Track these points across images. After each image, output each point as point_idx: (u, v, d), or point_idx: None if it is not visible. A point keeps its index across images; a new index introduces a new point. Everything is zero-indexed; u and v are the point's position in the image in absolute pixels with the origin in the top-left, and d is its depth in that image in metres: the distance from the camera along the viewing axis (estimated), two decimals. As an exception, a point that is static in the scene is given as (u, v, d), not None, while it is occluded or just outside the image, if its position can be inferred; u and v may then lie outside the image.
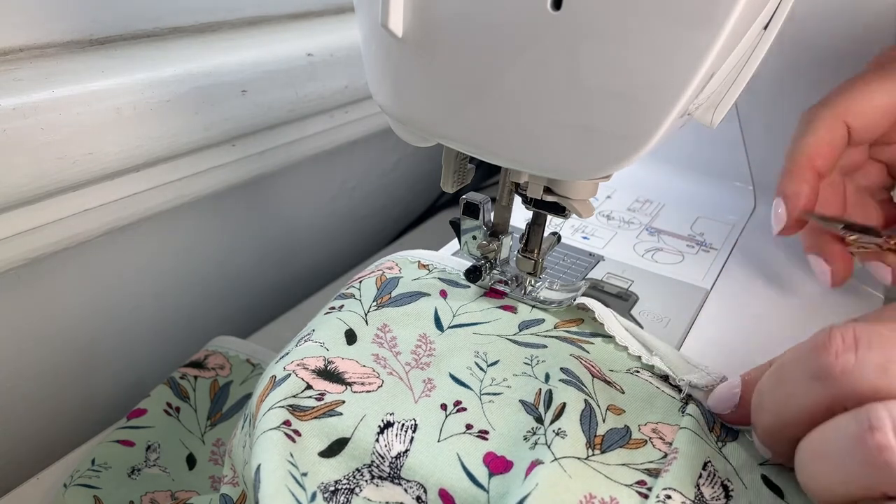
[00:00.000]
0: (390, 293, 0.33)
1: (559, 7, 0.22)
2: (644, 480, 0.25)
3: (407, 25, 0.25)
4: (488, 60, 0.24)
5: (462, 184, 0.32)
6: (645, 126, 0.23)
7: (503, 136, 0.26)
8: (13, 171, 0.33)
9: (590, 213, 0.30)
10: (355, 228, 0.70)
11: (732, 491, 0.25)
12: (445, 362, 0.29)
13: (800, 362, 0.23)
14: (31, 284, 0.40)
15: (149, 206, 0.42)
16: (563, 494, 0.23)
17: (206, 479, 0.36)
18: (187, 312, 0.53)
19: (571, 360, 0.29)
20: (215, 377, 0.41)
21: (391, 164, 0.71)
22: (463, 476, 0.25)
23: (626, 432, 0.27)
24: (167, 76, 0.39)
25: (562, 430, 0.25)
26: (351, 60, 0.51)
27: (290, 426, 0.26)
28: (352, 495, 0.25)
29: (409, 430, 0.26)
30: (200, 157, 0.43)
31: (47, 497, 0.35)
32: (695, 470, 0.25)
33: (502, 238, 0.32)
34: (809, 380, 0.22)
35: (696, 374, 0.29)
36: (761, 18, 0.24)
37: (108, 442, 0.36)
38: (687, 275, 0.39)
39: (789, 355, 0.24)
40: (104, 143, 0.36)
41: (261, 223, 0.57)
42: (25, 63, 0.36)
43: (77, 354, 0.45)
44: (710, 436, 0.27)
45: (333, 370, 0.28)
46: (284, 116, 0.47)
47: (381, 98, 0.28)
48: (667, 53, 0.21)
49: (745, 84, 0.26)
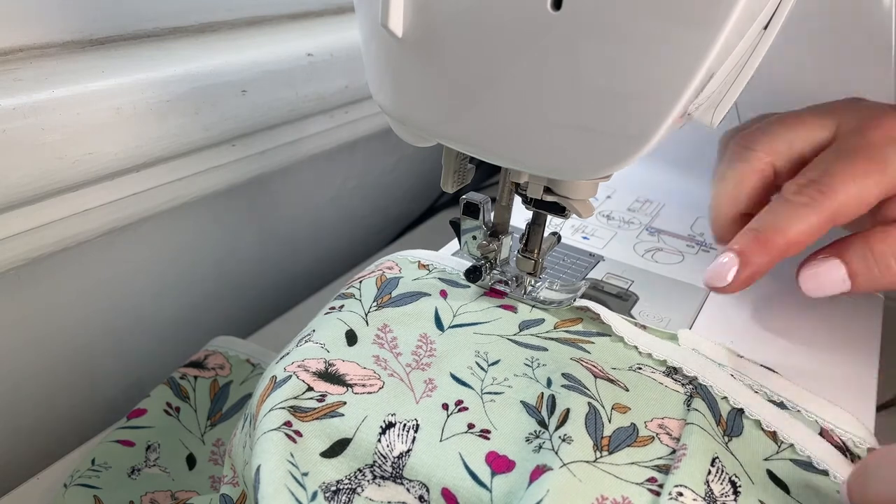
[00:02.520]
0: (390, 293, 0.33)
1: (559, 7, 0.22)
2: (654, 477, 0.25)
3: (407, 25, 0.25)
4: (488, 60, 0.24)
5: (462, 184, 0.32)
6: (645, 126, 0.23)
7: (503, 136, 0.26)
8: (13, 171, 0.33)
9: (590, 213, 0.30)
10: (355, 228, 0.70)
11: (740, 487, 0.25)
12: (446, 362, 0.29)
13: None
14: (31, 284, 0.40)
15: (149, 206, 0.42)
16: (575, 499, 0.23)
17: (206, 479, 0.36)
18: (187, 312, 0.53)
19: (572, 364, 0.29)
20: (215, 377, 0.41)
21: (391, 164, 0.71)
22: (465, 475, 0.25)
23: (633, 430, 0.27)
24: (167, 76, 0.39)
25: (568, 435, 0.25)
26: (351, 60, 0.51)
27: (291, 427, 0.26)
28: (354, 495, 0.25)
29: (410, 430, 0.26)
30: (200, 157, 0.43)
31: (47, 497, 0.35)
32: (704, 466, 0.25)
33: (502, 238, 0.32)
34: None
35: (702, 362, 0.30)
36: (761, 18, 0.24)
37: (108, 442, 0.36)
38: (687, 275, 0.39)
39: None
40: (104, 143, 0.36)
41: (261, 223, 0.57)
42: (25, 63, 0.36)
43: (77, 354, 0.45)
44: (717, 430, 0.27)
45: (334, 372, 0.28)
46: (284, 116, 0.47)
47: (381, 98, 0.28)
48: (667, 53, 0.21)
49: (745, 84, 0.26)
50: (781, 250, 0.30)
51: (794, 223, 0.30)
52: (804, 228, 0.30)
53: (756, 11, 0.23)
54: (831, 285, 0.31)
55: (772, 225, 0.30)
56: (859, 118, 0.32)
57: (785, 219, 0.30)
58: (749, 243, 0.30)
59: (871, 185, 0.30)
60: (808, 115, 0.34)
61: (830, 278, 0.30)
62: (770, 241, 0.30)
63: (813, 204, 0.30)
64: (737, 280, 0.30)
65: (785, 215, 0.30)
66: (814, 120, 0.33)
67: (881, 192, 0.30)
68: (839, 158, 0.30)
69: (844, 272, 0.30)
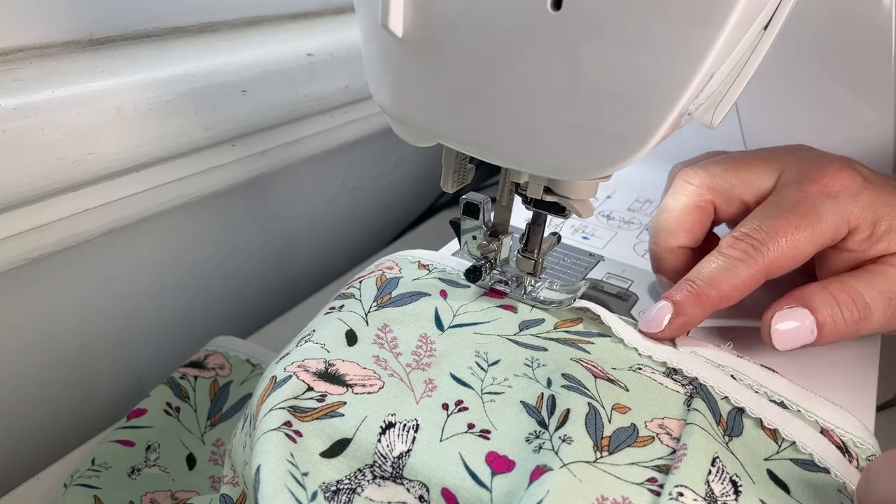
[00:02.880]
0: (391, 293, 0.33)
1: (559, 7, 0.22)
2: (654, 477, 0.25)
3: (407, 25, 0.25)
4: (488, 60, 0.24)
5: (462, 184, 0.32)
6: (645, 126, 0.23)
7: (503, 136, 0.26)
8: (13, 171, 0.33)
9: (590, 213, 0.30)
10: (355, 228, 0.70)
11: (741, 487, 0.25)
12: (446, 362, 0.29)
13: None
14: (31, 284, 0.40)
15: (149, 206, 0.42)
16: (575, 499, 0.23)
17: (206, 479, 0.36)
18: (187, 312, 0.53)
19: (572, 364, 0.29)
20: (215, 377, 0.41)
21: (391, 164, 0.71)
22: (466, 475, 0.25)
23: (633, 430, 0.27)
24: (167, 76, 0.39)
25: (568, 436, 0.25)
26: (351, 60, 0.51)
27: (291, 427, 0.26)
28: (354, 495, 0.25)
29: (410, 430, 0.26)
30: (200, 157, 0.43)
31: (47, 497, 0.35)
32: (704, 466, 0.25)
33: (502, 238, 0.32)
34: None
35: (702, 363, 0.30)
36: (761, 18, 0.24)
37: (107, 442, 0.36)
38: (687, 275, 0.39)
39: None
40: (104, 143, 0.36)
41: (261, 223, 0.57)
42: (25, 63, 0.36)
43: (77, 354, 0.45)
44: (717, 430, 0.27)
45: (334, 372, 0.28)
46: (284, 116, 0.47)
47: (381, 98, 0.28)
48: (667, 53, 0.21)
49: (745, 84, 0.26)
50: (714, 303, 0.31)
51: (727, 277, 0.31)
52: (737, 283, 0.31)
53: (756, 11, 0.23)
54: (800, 337, 0.31)
55: (706, 278, 0.31)
56: (801, 170, 0.33)
57: (719, 272, 0.31)
58: (685, 294, 0.31)
59: (803, 240, 0.30)
60: (752, 159, 0.35)
61: (800, 331, 0.31)
62: (704, 294, 0.31)
63: (746, 259, 0.31)
64: (670, 327, 0.31)
65: (719, 269, 0.31)
66: (758, 166, 0.34)
67: (814, 247, 0.31)
68: (774, 213, 0.31)
69: (812, 322, 0.31)
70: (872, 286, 0.31)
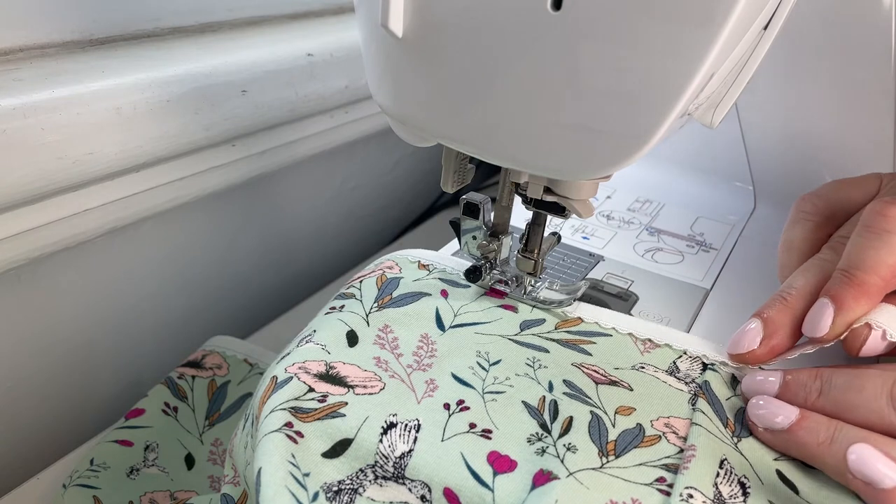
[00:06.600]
0: (391, 294, 0.33)
1: (559, 7, 0.22)
2: (663, 477, 0.25)
3: (407, 25, 0.25)
4: (488, 60, 0.24)
5: (462, 184, 0.32)
6: (645, 126, 0.23)
7: (503, 136, 0.26)
8: (13, 171, 0.33)
9: (590, 213, 0.30)
10: (355, 228, 0.70)
11: (749, 488, 0.25)
12: (447, 362, 0.29)
13: None
14: (31, 284, 0.40)
15: (149, 206, 0.42)
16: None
17: (205, 479, 0.36)
18: (186, 312, 0.53)
19: (573, 371, 0.29)
20: (213, 377, 0.41)
21: (391, 164, 0.71)
22: (468, 475, 0.25)
23: (639, 431, 0.27)
24: (167, 76, 0.39)
25: (572, 444, 0.25)
26: (351, 60, 0.51)
27: (293, 427, 0.26)
28: (355, 495, 0.25)
29: (412, 430, 0.26)
30: (200, 157, 0.43)
31: (47, 497, 0.35)
32: (712, 468, 0.25)
33: (502, 238, 0.32)
34: None
35: (710, 347, 0.30)
36: (761, 18, 0.24)
37: (106, 442, 0.36)
38: (687, 275, 0.39)
39: None
40: (104, 143, 0.36)
41: (261, 223, 0.57)
42: (25, 63, 0.36)
43: (76, 354, 0.45)
44: (726, 431, 0.27)
45: (335, 374, 0.28)
46: (284, 116, 0.47)
47: (381, 98, 0.28)
48: (667, 53, 0.21)
49: (745, 84, 0.26)
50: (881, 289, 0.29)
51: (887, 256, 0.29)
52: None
53: (756, 11, 0.23)
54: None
55: (859, 264, 0.29)
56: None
57: (871, 253, 0.29)
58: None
59: None
60: (851, 178, 0.35)
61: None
62: (864, 284, 0.29)
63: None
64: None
65: (870, 249, 0.29)
66: (859, 178, 0.35)
67: None
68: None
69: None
70: None
